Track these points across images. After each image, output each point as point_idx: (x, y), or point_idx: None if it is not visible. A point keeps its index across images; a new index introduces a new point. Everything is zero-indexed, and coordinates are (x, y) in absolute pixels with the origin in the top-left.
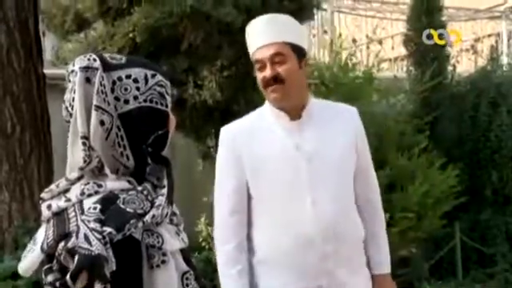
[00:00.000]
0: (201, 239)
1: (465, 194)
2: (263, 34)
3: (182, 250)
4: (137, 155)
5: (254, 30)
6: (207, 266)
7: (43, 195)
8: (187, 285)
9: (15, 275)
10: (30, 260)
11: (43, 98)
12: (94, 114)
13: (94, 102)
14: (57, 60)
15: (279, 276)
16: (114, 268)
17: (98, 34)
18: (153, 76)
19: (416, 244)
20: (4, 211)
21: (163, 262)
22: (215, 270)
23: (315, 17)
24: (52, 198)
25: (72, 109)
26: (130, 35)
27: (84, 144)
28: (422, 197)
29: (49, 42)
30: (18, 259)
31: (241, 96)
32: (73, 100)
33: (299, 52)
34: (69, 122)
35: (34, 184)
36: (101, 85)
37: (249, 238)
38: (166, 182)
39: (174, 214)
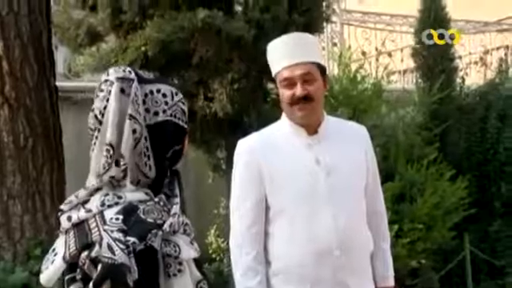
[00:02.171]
0: (211, 251)
1: (474, 205)
2: (292, 53)
3: (194, 259)
4: (158, 167)
5: (279, 50)
6: (218, 278)
7: (62, 207)
8: None
9: (26, 287)
10: (52, 270)
11: (56, 111)
12: (127, 122)
13: (129, 112)
14: (69, 73)
15: (295, 286)
16: (137, 277)
17: (110, 48)
18: (176, 94)
19: (425, 255)
20: (16, 223)
21: (179, 270)
22: (226, 282)
23: (325, 30)
24: (71, 209)
25: (102, 117)
26: (142, 49)
27: (107, 151)
28: (432, 208)
29: (61, 55)
30: (30, 271)
31: (251, 109)
32: (104, 108)
33: (323, 71)
34: (95, 129)
35: (46, 196)
36: (135, 95)
37: (265, 250)
38: (177, 192)
39: (186, 224)
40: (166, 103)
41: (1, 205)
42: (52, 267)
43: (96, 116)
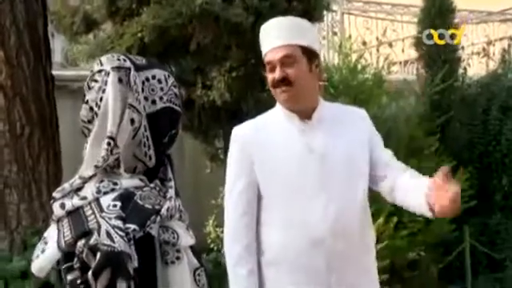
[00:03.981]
0: (209, 241)
1: (474, 197)
2: (275, 36)
3: (191, 247)
4: (157, 155)
5: (266, 32)
6: (216, 268)
7: (55, 194)
8: (199, 280)
9: (24, 275)
10: (42, 260)
11: (52, 99)
12: (127, 111)
13: (129, 100)
14: (66, 62)
15: (288, 276)
16: (137, 265)
17: (107, 35)
18: (168, 76)
19: (425, 248)
20: (13, 212)
21: (177, 258)
22: (223, 272)
23: (325, 18)
24: (63, 196)
25: (99, 109)
26: (139, 35)
27: (109, 144)
28: None
29: (58, 44)
30: (27, 260)
31: (249, 96)
32: (100, 100)
33: (310, 55)
34: (89, 122)
35: (43, 185)
36: (135, 83)
37: (257, 239)
38: (171, 175)
39: (181, 210)
40: (162, 89)
41: None
42: (43, 256)
43: (92, 108)
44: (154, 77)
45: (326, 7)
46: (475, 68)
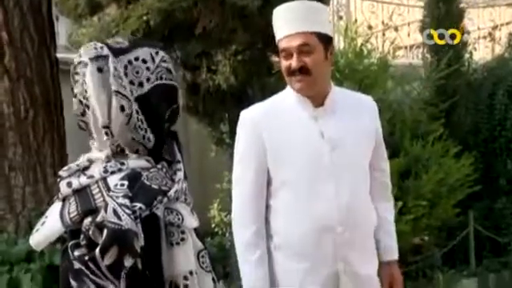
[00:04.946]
0: (213, 225)
1: (479, 182)
2: (291, 22)
3: (195, 229)
4: (157, 134)
5: (281, 17)
6: (220, 252)
7: (61, 173)
8: (203, 262)
9: (29, 259)
10: (43, 233)
11: (56, 82)
12: (114, 99)
13: (113, 88)
14: (71, 45)
15: (297, 261)
16: (143, 243)
17: (112, 18)
18: (157, 53)
19: (429, 232)
20: (18, 195)
21: (182, 239)
22: (228, 256)
23: (331, 2)
24: (70, 175)
25: (88, 101)
26: (144, 18)
27: (107, 134)
28: (436, 185)
29: (62, 27)
30: None
31: (255, 81)
32: (86, 92)
33: (326, 41)
34: (82, 115)
35: (48, 168)
36: (115, 70)
37: (267, 224)
38: (179, 157)
39: (186, 193)
40: (148, 69)
41: (2, 177)
42: (43, 230)
43: (81, 101)
44: (137, 58)
45: None
46: (481, 52)
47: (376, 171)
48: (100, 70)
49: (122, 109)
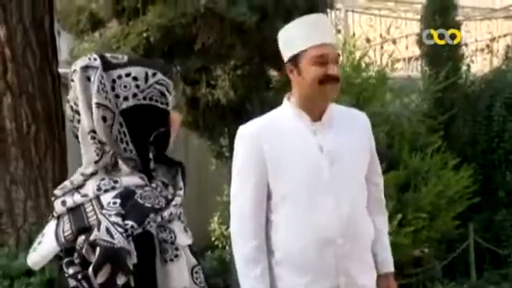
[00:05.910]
0: (213, 238)
1: (478, 194)
2: (323, 31)
3: (189, 246)
4: (139, 151)
5: (306, 27)
6: (220, 265)
7: (56, 192)
8: (196, 278)
9: (29, 273)
10: (39, 253)
11: (58, 97)
12: (95, 111)
13: (94, 100)
14: (73, 60)
15: (298, 276)
16: (136, 261)
17: (113, 34)
18: (153, 75)
19: (429, 244)
20: (19, 209)
21: (176, 256)
22: (228, 270)
23: (329, 16)
24: (64, 194)
25: (77, 107)
26: (144, 35)
27: (93, 138)
28: (435, 197)
29: (64, 42)
30: None
31: (254, 95)
32: (77, 98)
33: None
34: (73, 120)
35: (49, 182)
36: (100, 83)
37: (268, 239)
38: (182, 185)
39: (181, 212)
40: (137, 86)
41: (4, 191)
42: (39, 250)
43: (72, 107)
44: (128, 74)
45: (330, 5)
46: (479, 65)
47: (371, 186)
48: (88, 79)
49: (104, 119)
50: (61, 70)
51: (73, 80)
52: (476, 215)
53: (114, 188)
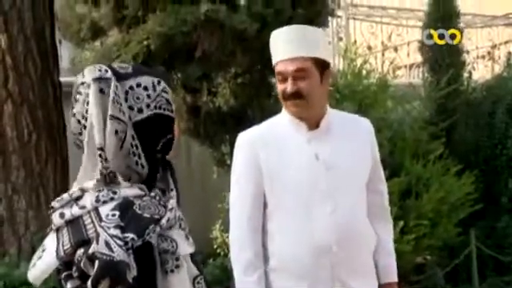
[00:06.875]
0: (216, 246)
1: (481, 201)
2: (288, 46)
3: (190, 255)
4: (150, 162)
5: (278, 41)
6: (222, 273)
7: (54, 204)
8: None
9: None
10: (39, 268)
11: (59, 106)
12: (109, 123)
13: (110, 112)
14: (74, 68)
15: (294, 283)
16: (136, 274)
17: (113, 42)
18: (158, 83)
19: (431, 251)
20: (20, 218)
21: (177, 266)
22: (230, 277)
23: (330, 24)
24: (62, 206)
25: (85, 121)
26: (145, 43)
27: (101, 156)
28: (438, 204)
29: (65, 51)
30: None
31: (255, 103)
32: (86, 112)
33: (322, 66)
34: (79, 134)
35: (50, 191)
36: (115, 94)
37: (263, 246)
38: (173, 185)
39: (181, 218)
40: (149, 96)
41: (5, 199)
42: (39, 264)
43: (79, 121)
44: (139, 85)
45: (331, 13)
46: (480, 72)
47: (374, 193)
48: (102, 91)
49: (116, 133)
50: (62, 79)
51: (80, 93)
52: (478, 222)
53: (112, 199)
